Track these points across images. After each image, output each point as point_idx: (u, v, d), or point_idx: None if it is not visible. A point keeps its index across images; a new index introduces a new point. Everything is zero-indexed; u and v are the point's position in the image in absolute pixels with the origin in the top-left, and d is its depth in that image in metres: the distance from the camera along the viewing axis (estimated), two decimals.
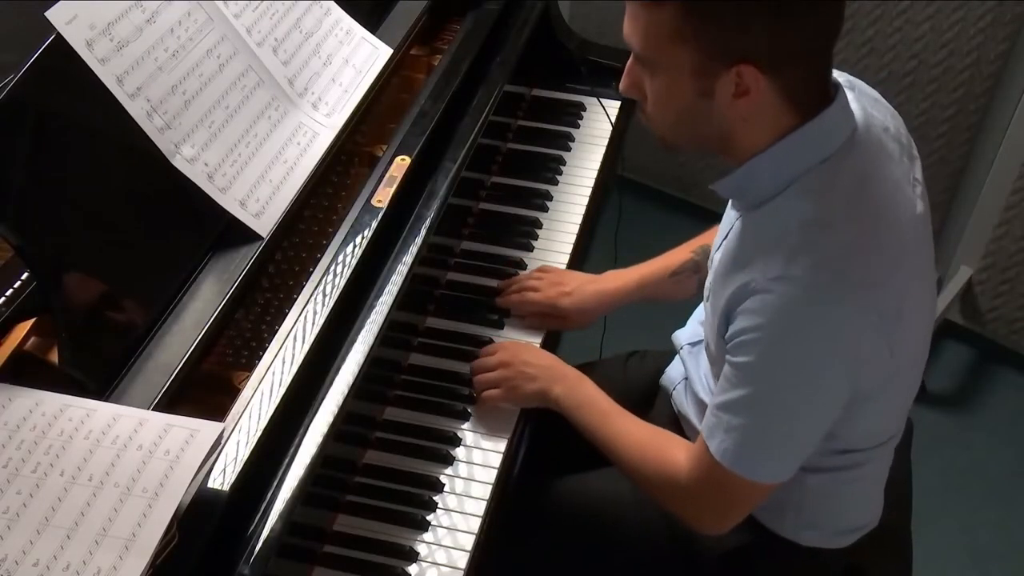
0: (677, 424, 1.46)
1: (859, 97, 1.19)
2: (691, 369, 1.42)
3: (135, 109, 1.22)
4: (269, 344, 1.21)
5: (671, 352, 1.62)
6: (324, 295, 1.25)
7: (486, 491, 1.33)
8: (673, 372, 1.50)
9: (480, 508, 1.31)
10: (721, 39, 1.05)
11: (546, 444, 1.45)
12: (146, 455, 1.02)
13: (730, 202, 1.25)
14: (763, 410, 1.15)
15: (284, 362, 1.17)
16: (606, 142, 1.83)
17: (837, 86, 1.14)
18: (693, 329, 1.45)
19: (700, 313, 1.45)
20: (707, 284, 1.27)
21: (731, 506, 1.25)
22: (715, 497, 1.24)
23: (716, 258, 1.25)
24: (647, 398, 1.58)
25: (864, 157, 1.15)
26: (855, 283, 1.10)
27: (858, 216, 1.12)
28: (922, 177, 1.23)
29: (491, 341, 1.52)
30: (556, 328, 1.55)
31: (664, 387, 1.52)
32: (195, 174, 1.27)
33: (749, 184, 1.16)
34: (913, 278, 1.17)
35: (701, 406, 1.36)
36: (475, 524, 1.29)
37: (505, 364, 1.41)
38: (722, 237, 1.25)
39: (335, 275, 1.28)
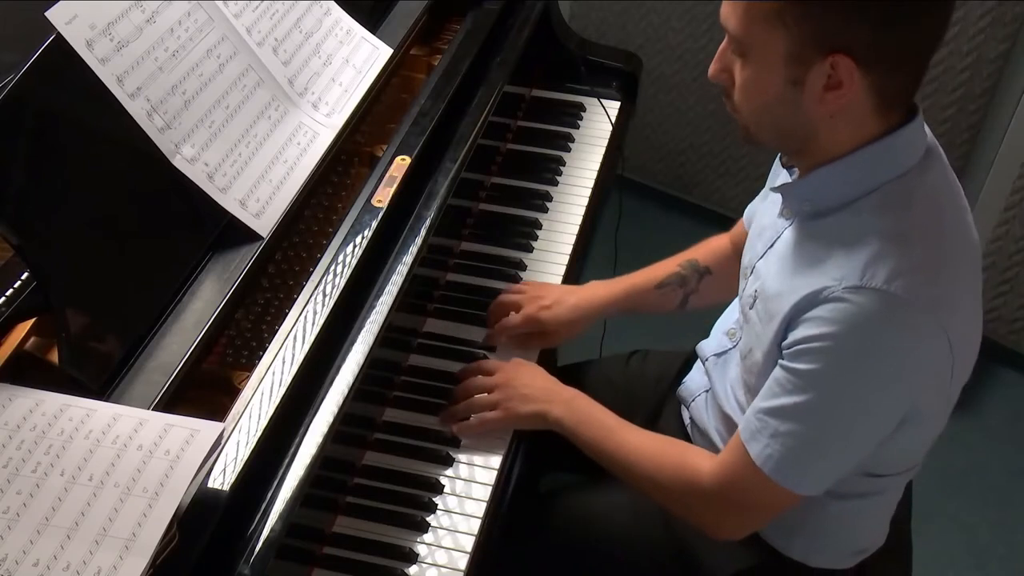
0: (686, 435, 1.44)
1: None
2: (716, 380, 1.38)
3: (135, 109, 1.22)
4: (269, 344, 1.21)
5: (673, 352, 1.62)
6: (324, 295, 1.25)
7: (486, 492, 1.33)
8: (692, 384, 1.46)
9: (480, 509, 1.31)
10: (822, 25, 1.02)
11: (547, 444, 1.44)
12: (146, 455, 1.02)
13: (778, 209, 1.22)
14: (819, 419, 1.12)
15: (284, 362, 1.17)
16: (606, 142, 1.83)
17: (915, 104, 1.12)
18: (718, 340, 1.41)
19: (725, 323, 1.43)
20: (748, 292, 1.24)
21: (756, 512, 1.23)
22: (741, 503, 1.21)
23: (760, 267, 1.22)
24: (647, 397, 1.57)
25: (937, 179, 1.13)
26: (934, 301, 1.07)
27: (936, 237, 1.10)
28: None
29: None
30: (542, 345, 1.50)
31: (681, 398, 1.48)
32: (195, 174, 1.27)
33: (821, 190, 1.14)
34: (976, 308, 1.16)
35: (724, 419, 1.34)
36: (475, 525, 1.29)
37: (501, 385, 1.39)
38: (766, 245, 1.23)
39: (335, 275, 1.27)
